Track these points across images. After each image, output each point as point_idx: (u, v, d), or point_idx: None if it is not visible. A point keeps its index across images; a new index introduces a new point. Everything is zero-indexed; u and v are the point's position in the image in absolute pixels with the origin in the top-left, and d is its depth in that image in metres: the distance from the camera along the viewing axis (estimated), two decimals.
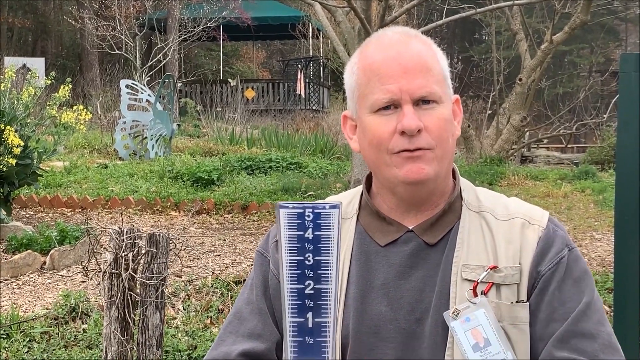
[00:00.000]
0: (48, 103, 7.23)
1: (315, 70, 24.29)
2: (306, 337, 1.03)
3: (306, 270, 1.03)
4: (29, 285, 5.70)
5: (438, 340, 1.30)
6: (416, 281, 1.33)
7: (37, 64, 17.36)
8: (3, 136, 6.36)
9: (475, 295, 1.29)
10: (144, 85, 14.00)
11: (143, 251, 3.49)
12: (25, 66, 16.33)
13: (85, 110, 7.20)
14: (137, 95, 12.26)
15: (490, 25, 17.43)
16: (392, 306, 1.32)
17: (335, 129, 14.89)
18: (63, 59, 28.28)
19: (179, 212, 8.02)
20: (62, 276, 5.83)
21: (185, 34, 18.19)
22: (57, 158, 9.96)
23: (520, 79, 13.43)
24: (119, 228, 3.54)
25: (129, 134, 12.05)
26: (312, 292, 1.03)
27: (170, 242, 3.59)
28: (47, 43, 32.17)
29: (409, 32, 1.37)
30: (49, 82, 7.18)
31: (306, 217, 1.02)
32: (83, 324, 4.83)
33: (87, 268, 3.94)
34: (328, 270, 1.03)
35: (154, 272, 3.45)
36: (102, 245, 6.54)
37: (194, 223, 7.63)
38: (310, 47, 23.16)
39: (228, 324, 1.41)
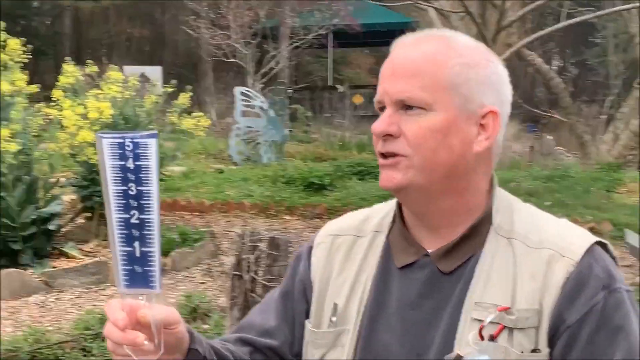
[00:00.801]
0: (168, 110, 7.54)
1: None
2: (135, 266, 1.05)
3: (130, 200, 1.04)
4: None
5: None
6: (425, 313, 1.21)
7: (154, 72, 18.06)
8: None
9: (482, 338, 1.13)
10: (257, 92, 14.34)
11: (264, 254, 3.60)
12: (144, 75, 17.02)
13: (203, 116, 7.47)
14: (250, 102, 12.58)
15: (606, 28, 16.85)
16: (397, 338, 1.22)
17: None
18: (179, 68, 29.26)
19: (292, 215, 8.18)
20: (185, 277, 6.06)
21: (296, 42, 18.50)
22: (176, 163, 10.35)
23: (639, 83, 12.93)
24: (241, 231, 3.67)
25: (243, 140, 12.38)
26: (137, 221, 1.04)
27: (290, 245, 3.70)
28: (163, 52, 33.36)
29: (430, 34, 1.26)
30: (170, 89, 7.48)
31: (126, 147, 1.03)
32: (203, 324, 5.01)
33: (209, 269, 4.10)
34: (150, 200, 1.04)
35: (275, 274, 3.55)
36: (220, 247, 6.78)
37: (308, 227, 7.76)
38: None
39: (257, 307, 1.41)
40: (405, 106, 1.19)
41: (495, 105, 1.21)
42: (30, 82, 6.48)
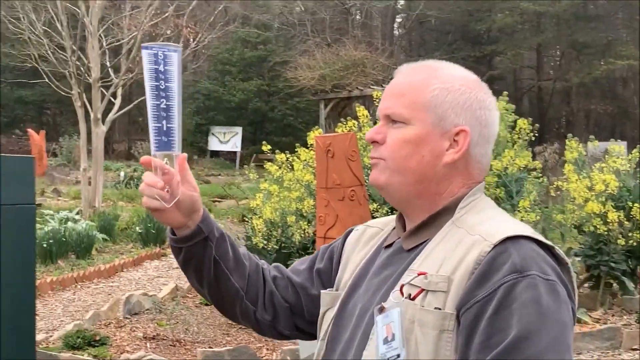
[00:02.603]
0: None
1: None
2: (162, 137, 1.47)
3: (160, 92, 1.46)
4: None
5: (368, 331, 1.39)
6: (380, 279, 1.45)
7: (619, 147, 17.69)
8: (632, 213, 6.84)
9: (402, 296, 1.35)
10: None
11: None
12: (607, 150, 16.83)
13: None
14: None
15: None
16: (361, 298, 1.47)
17: None
18: None
19: None
20: None
21: None
22: None
23: None
24: None
25: None
26: (164, 107, 1.46)
27: None
28: (624, 126, 32.46)
29: (423, 64, 1.50)
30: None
31: (159, 56, 1.46)
32: None
33: None
34: (171, 92, 1.47)
35: None
36: None
37: None
38: None
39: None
40: (392, 120, 1.45)
41: (467, 126, 1.42)
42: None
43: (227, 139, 27.89)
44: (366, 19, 30.07)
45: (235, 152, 27.15)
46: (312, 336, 1.65)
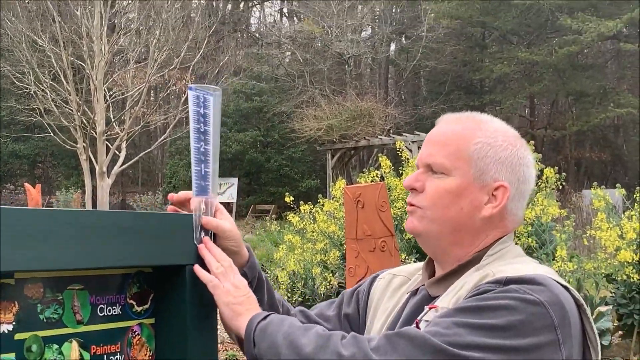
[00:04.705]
0: None
1: None
2: (201, 181, 1.42)
3: (200, 135, 1.42)
4: None
5: None
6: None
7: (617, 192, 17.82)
8: None
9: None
10: None
11: None
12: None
13: None
14: None
15: None
16: None
17: None
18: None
19: None
20: None
21: None
22: None
23: None
24: None
25: None
26: (203, 150, 1.42)
27: None
28: (619, 174, 32.67)
29: (466, 115, 1.50)
30: None
31: (200, 99, 1.42)
32: None
33: None
34: (209, 135, 1.43)
35: None
36: None
37: None
38: None
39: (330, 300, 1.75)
40: (432, 169, 1.44)
41: (507, 182, 1.43)
42: None
43: (222, 190, 27.81)
44: (366, 70, 30.38)
45: (231, 204, 27.07)
46: None
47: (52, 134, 14.63)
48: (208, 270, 1.42)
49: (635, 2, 24.37)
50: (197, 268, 1.41)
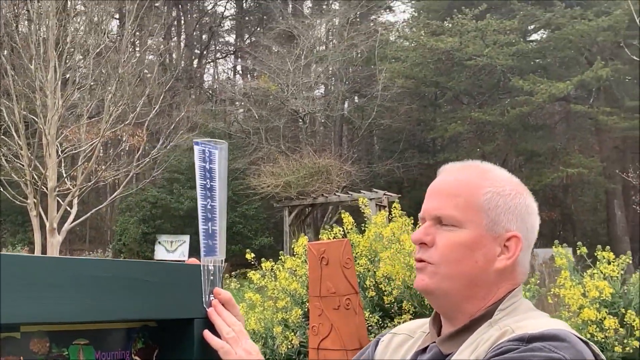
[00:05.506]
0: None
1: None
2: (209, 241, 1.35)
3: (207, 191, 1.36)
4: None
5: None
6: None
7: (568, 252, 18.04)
8: (625, 319, 6.77)
9: None
10: None
11: None
12: (552, 256, 17.10)
13: None
14: None
15: None
16: None
17: None
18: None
19: None
20: None
21: None
22: None
23: None
24: None
25: None
26: (210, 207, 1.36)
27: None
28: (568, 233, 33.16)
29: (470, 164, 1.44)
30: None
31: (206, 153, 1.37)
32: None
33: None
34: (214, 192, 1.37)
35: None
36: None
37: None
38: None
39: None
40: (441, 222, 1.38)
41: (518, 231, 1.38)
42: None
43: (174, 248, 27.35)
44: (320, 128, 30.55)
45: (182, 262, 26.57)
46: None
47: (1, 189, 14.26)
48: (217, 335, 1.33)
49: (584, 65, 25.16)
50: (207, 334, 1.32)
